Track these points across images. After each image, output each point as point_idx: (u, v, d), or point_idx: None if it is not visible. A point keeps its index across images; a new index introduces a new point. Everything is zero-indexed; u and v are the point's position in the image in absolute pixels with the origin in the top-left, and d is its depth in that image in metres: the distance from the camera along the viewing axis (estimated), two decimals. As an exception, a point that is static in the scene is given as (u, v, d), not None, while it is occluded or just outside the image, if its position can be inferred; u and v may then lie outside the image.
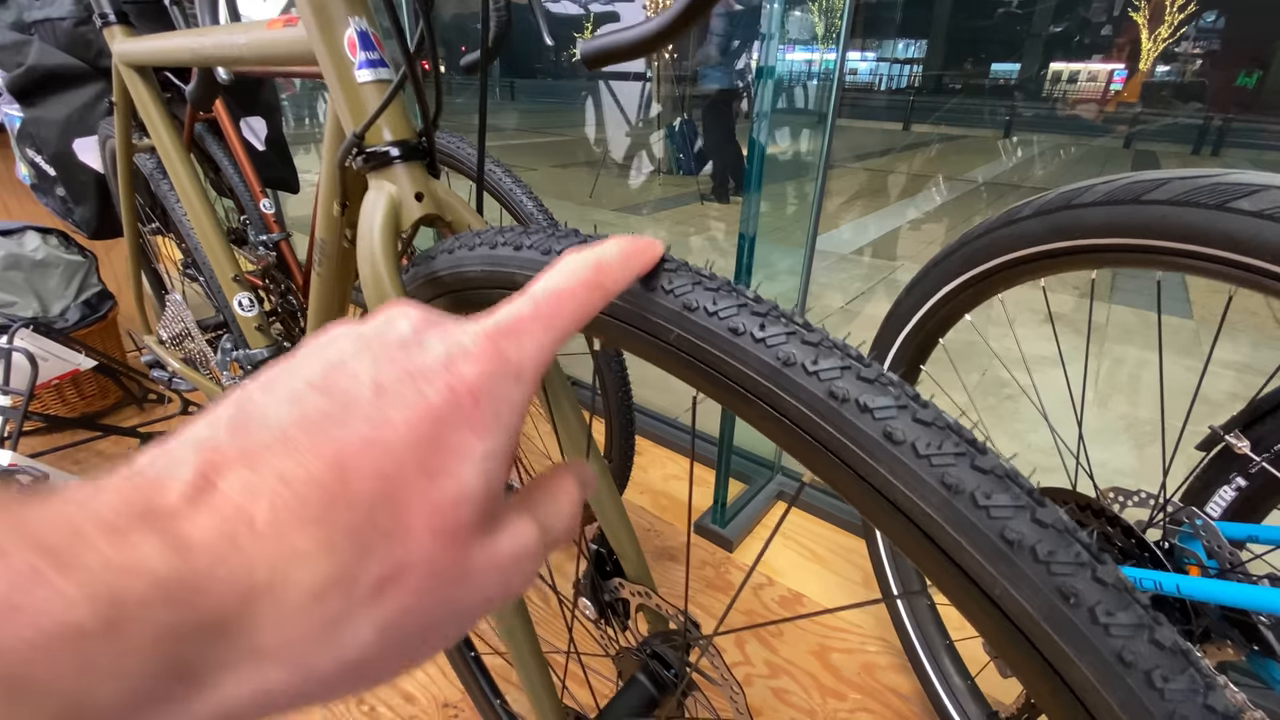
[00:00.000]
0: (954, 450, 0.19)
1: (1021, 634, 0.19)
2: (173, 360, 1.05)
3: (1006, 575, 0.18)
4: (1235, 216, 0.40)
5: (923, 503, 0.19)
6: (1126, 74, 14.30)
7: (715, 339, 0.23)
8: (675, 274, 0.25)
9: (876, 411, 0.20)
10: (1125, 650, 0.17)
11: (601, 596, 0.49)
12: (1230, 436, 0.61)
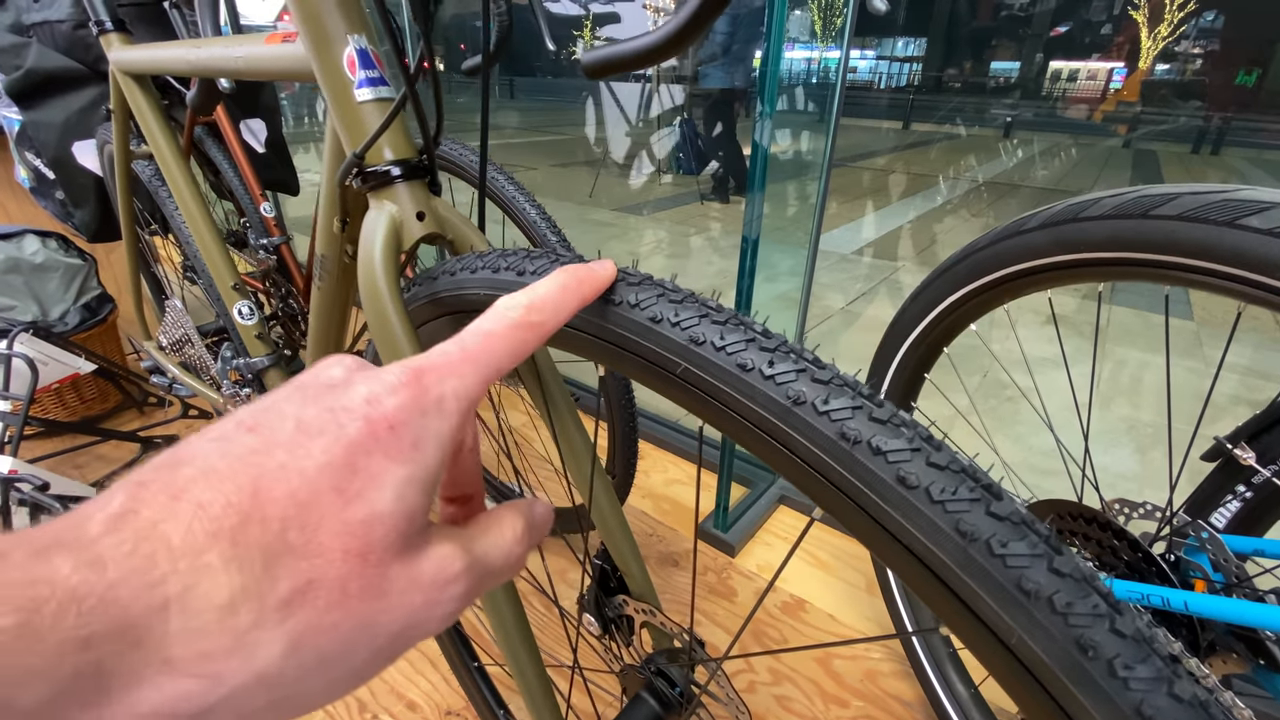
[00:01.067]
0: (969, 496, 0.19)
1: (1037, 682, 0.19)
2: (172, 366, 1.05)
3: (1023, 625, 0.18)
4: (1245, 233, 0.40)
5: (937, 549, 0.19)
6: (1126, 72, 14.28)
7: (724, 374, 0.22)
8: (681, 305, 0.25)
9: (890, 455, 0.19)
10: (1145, 704, 0.17)
11: (605, 612, 0.49)
12: (1235, 448, 0.61)
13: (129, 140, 0.82)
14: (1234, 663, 0.54)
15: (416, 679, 0.90)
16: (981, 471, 0.20)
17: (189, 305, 1.13)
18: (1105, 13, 15.38)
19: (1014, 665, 0.19)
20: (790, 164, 3.73)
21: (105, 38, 0.76)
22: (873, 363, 0.79)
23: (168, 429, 1.48)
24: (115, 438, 1.38)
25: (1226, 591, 0.54)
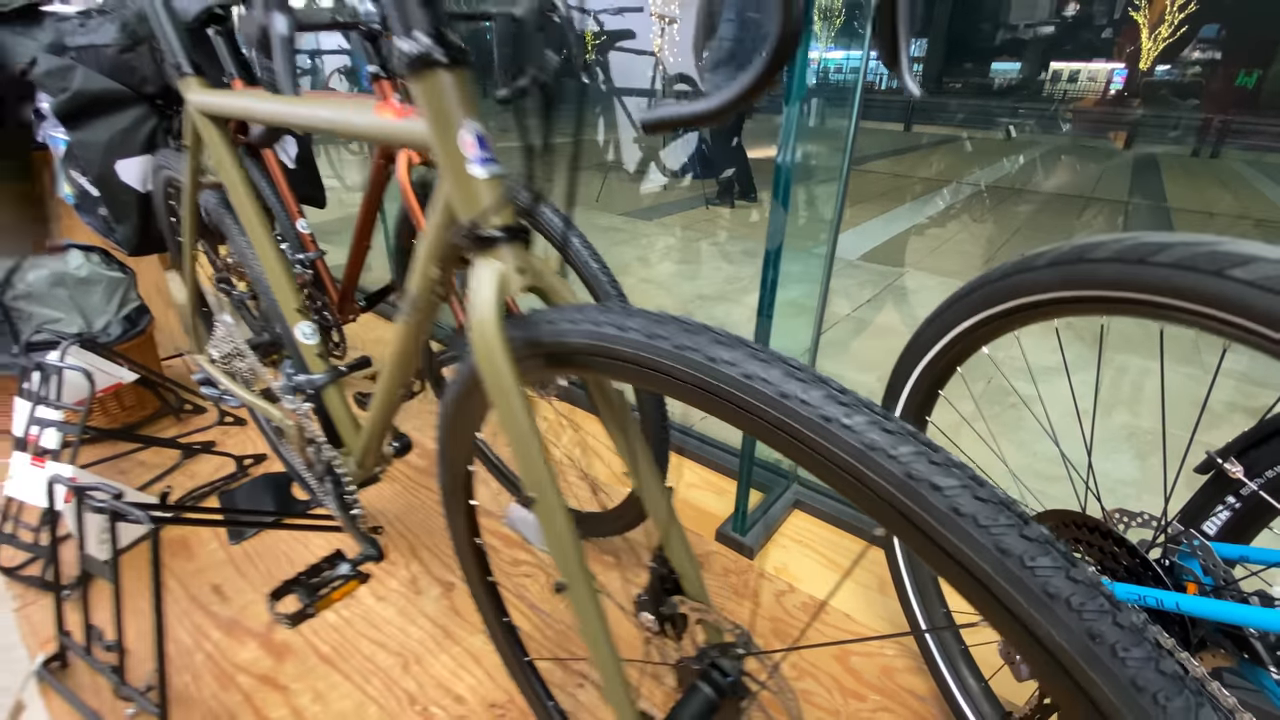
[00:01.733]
0: (1006, 522, 0.25)
1: (1058, 662, 0.25)
2: (224, 378, 1.11)
3: (1048, 619, 0.24)
4: (1229, 282, 0.46)
5: (982, 561, 0.25)
6: (1127, 74, 14.32)
7: (810, 424, 0.29)
8: (768, 365, 0.31)
9: (945, 490, 0.25)
10: (1138, 677, 0.23)
11: (662, 611, 0.55)
12: (1226, 462, 0.67)
13: (199, 172, 0.87)
14: (1222, 657, 0.60)
15: (462, 674, 0.96)
16: (1016, 503, 0.26)
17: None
18: (1106, 14, 15.41)
19: (1040, 650, 0.25)
20: (798, 168, 3.79)
21: (184, 80, 0.82)
22: (890, 378, 0.85)
23: (205, 435, 1.54)
24: (157, 444, 1.44)
25: (1215, 594, 0.60)
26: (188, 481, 1.41)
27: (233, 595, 1.10)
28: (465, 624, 1.05)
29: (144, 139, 1.40)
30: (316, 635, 1.03)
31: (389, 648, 1.00)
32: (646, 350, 0.34)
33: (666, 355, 0.33)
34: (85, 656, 0.92)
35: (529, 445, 0.43)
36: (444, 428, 0.59)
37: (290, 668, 0.97)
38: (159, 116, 1.42)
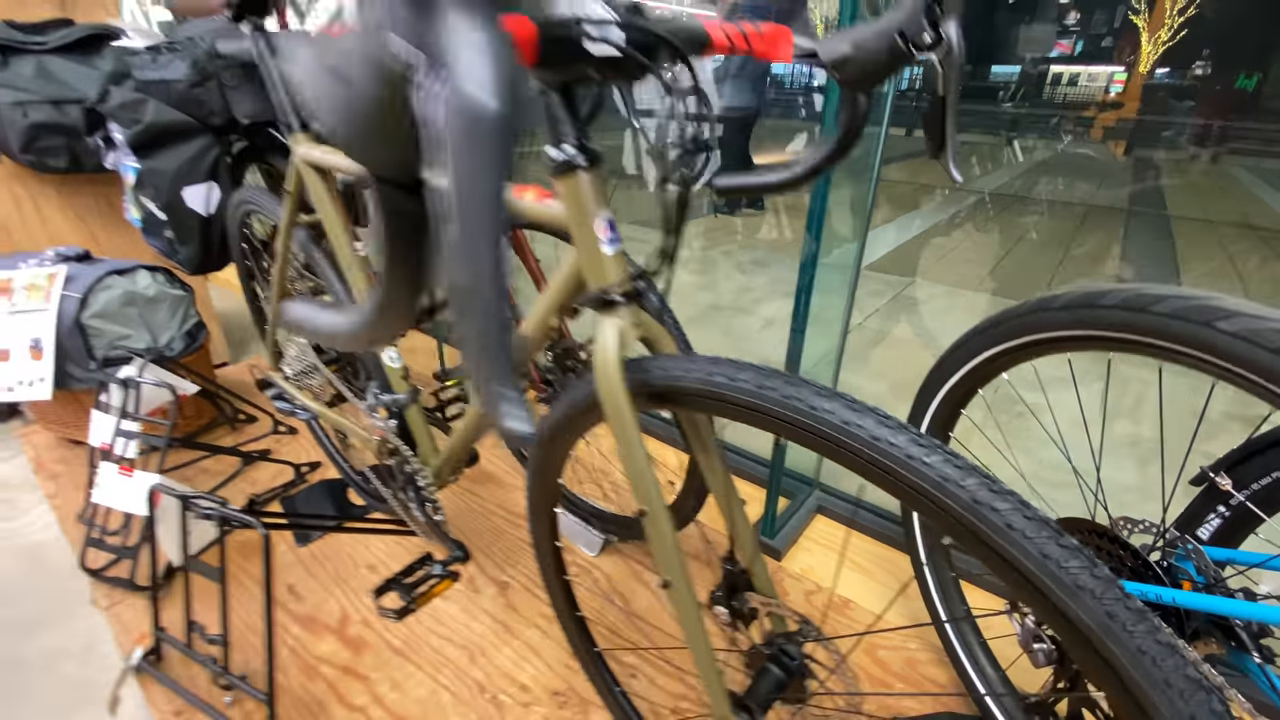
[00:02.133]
0: (1046, 535, 0.34)
1: (1085, 637, 0.34)
2: (299, 394, 1.20)
3: (1079, 605, 0.34)
4: (1216, 333, 0.55)
5: (1028, 562, 0.34)
6: (1127, 77, 14.41)
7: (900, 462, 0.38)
8: (862, 414, 0.40)
9: (1002, 511, 0.35)
10: (1141, 645, 0.33)
11: (734, 605, 0.64)
12: (1217, 476, 0.76)
13: (296, 212, 0.96)
14: (1213, 646, 0.70)
15: (524, 665, 1.06)
16: (1051, 520, 0.35)
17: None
18: (1106, 17, 15.51)
19: (1071, 629, 0.35)
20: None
21: (294, 136, 0.91)
22: (916, 398, 0.94)
23: (261, 444, 1.64)
24: (221, 453, 1.53)
25: (1206, 590, 0.69)
26: (249, 488, 1.50)
27: (306, 594, 1.20)
28: (521, 619, 1.15)
29: (208, 166, 1.50)
30: (388, 630, 1.12)
31: (455, 641, 1.10)
32: (757, 397, 0.43)
33: (775, 402, 0.43)
34: (185, 650, 1.01)
35: (641, 467, 0.53)
36: (539, 448, 0.69)
37: (367, 659, 1.07)
38: (221, 145, 1.51)
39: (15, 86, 1.57)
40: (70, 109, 1.62)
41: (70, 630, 1.29)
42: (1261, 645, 0.68)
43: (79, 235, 1.87)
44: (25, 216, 1.78)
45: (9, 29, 1.59)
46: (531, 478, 0.74)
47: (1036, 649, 0.74)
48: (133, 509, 1.16)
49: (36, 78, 1.59)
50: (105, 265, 1.48)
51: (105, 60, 1.68)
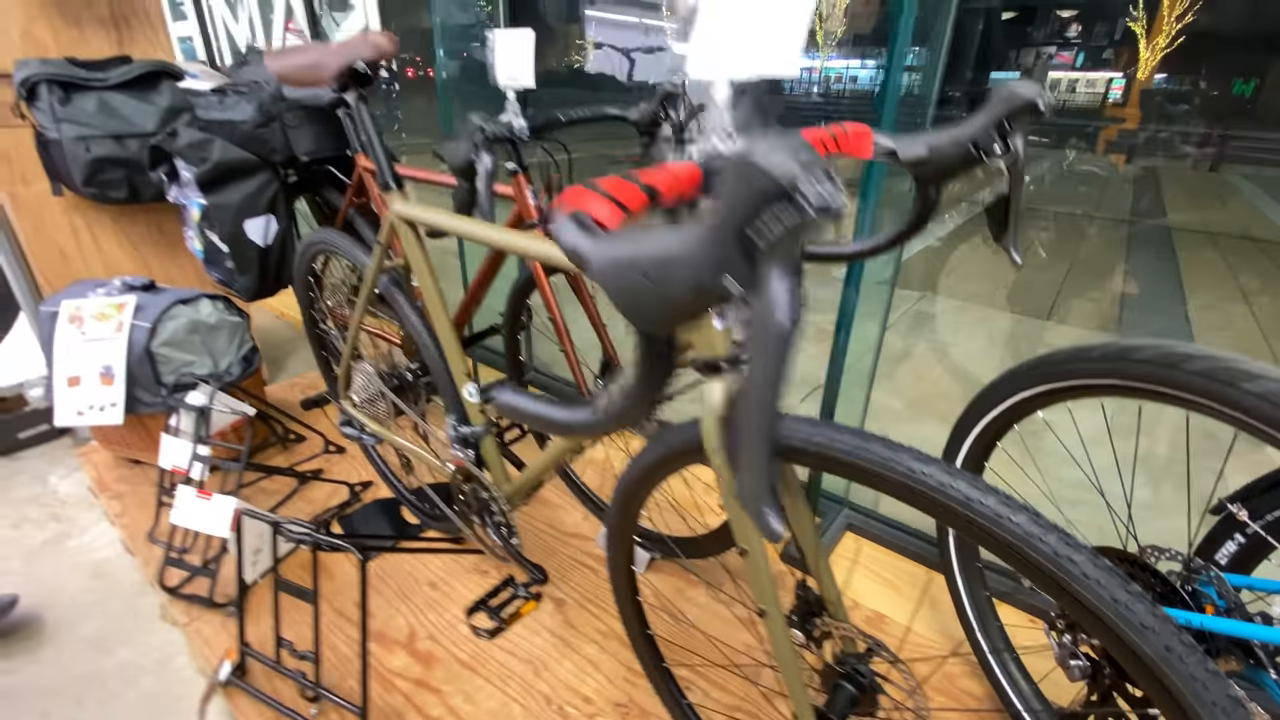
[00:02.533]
0: (1116, 583, 0.42)
1: (1129, 650, 0.42)
2: (367, 420, 1.28)
3: (1128, 624, 0.42)
4: (1239, 392, 0.63)
5: (1104, 607, 0.42)
6: (1125, 83, 14.49)
7: (991, 520, 0.46)
8: (954, 476, 0.48)
9: (1078, 562, 0.43)
10: (1194, 672, 0.40)
11: (808, 628, 0.72)
12: (1233, 506, 0.84)
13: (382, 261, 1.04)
14: (1233, 663, 0.77)
15: (585, 678, 1.13)
16: (1119, 571, 0.43)
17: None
18: (1106, 24, 15.61)
19: (1135, 658, 0.42)
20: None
21: (389, 194, 0.99)
22: (953, 431, 1.02)
23: (313, 464, 1.71)
24: (279, 474, 1.61)
25: (1227, 614, 0.77)
26: (306, 506, 1.58)
27: (374, 610, 1.27)
28: (579, 634, 1.22)
29: (268, 200, 1.58)
30: (455, 645, 1.20)
31: (518, 655, 1.17)
32: (861, 458, 0.51)
33: (877, 463, 0.50)
34: (274, 665, 1.09)
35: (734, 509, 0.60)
36: (629, 484, 0.76)
37: (438, 673, 1.14)
38: (280, 181, 1.60)
39: (78, 122, 1.65)
40: (130, 143, 1.71)
41: (145, 645, 1.36)
42: (1277, 663, 0.76)
43: (132, 261, 1.96)
44: (83, 245, 1.86)
45: (72, 66, 1.68)
46: (615, 509, 0.82)
47: (1073, 665, 0.82)
48: (212, 530, 1.23)
49: (99, 113, 1.68)
50: (170, 295, 1.56)
51: (162, 95, 1.77)
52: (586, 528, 1.51)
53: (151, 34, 1.86)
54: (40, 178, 1.75)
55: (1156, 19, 13.69)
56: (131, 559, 1.59)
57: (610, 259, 0.29)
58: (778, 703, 1.05)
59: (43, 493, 1.85)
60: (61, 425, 1.55)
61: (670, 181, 0.42)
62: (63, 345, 1.51)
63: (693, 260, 0.26)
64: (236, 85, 1.51)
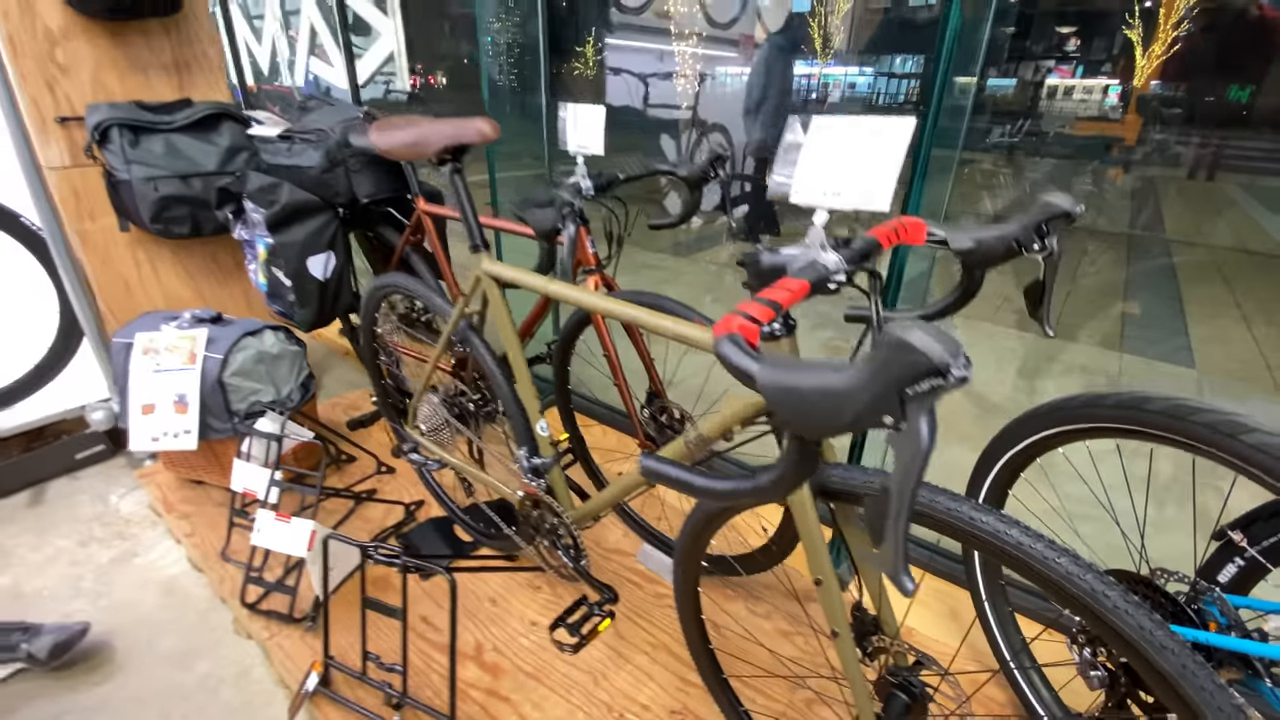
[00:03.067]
0: (1142, 613, 0.53)
1: (1168, 682, 0.53)
2: (435, 447, 1.38)
3: (1149, 643, 0.52)
4: (1240, 444, 0.74)
5: (1131, 633, 0.53)
6: (1121, 89, 14.65)
7: (1039, 560, 0.57)
8: (998, 519, 0.59)
9: (1111, 596, 0.53)
10: (1204, 685, 0.51)
11: (864, 646, 0.83)
12: (1233, 532, 0.95)
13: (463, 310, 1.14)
14: (1233, 673, 0.88)
15: (641, 687, 1.24)
16: (1144, 604, 0.54)
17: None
18: (1103, 29, 15.78)
19: (1157, 675, 0.53)
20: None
21: (478, 254, 1.09)
22: (976, 465, 1.13)
23: (366, 484, 1.82)
24: (339, 496, 1.71)
25: (1228, 630, 0.88)
26: (364, 525, 1.68)
27: (440, 625, 1.38)
28: (631, 646, 1.33)
29: (329, 238, 1.69)
30: (519, 658, 1.30)
31: (579, 667, 1.28)
32: (924, 506, 0.62)
33: (940, 511, 0.61)
34: (360, 676, 1.19)
35: (819, 546, 0.71)
36: (699, 519, 0.87)
37: (506, 683, 1.25)
38: (340, 220, 1.70)
39: (147, 163, 1.76)
40: (194, 181, 1.82)
41: (222, 658, 1.46)
42: (1273, 673, 0.86)
43: (188, 290, 2.06)
44: (144, 276, 1.97)
45: (139, 110, 1.79)
46: (686, 540, 0.92)
47: (1092, 675, 0.93)
48: (291, 550, 1.34)
49: (165, 154, 1.79)
50: (238, 327, 1.67)
51: (223, 136, 1.88)
52: (626, 544, 1.62)
53: (210, 77, 1.97)
54: (105, 213, 1.85)
55: (1154, 28, 13.86)
56: (199, 575, 1.69)
57: (777, 383, 0.39)
58: (826, 709, 1.16)
59: (105, 511, 1.95)
60: (137, 450, 1.65)
61: (787, 296, 0.52)
62: (137, 375, 1.61)
63: (857, 399, 0.36)
64: (303, 133, 1.62)
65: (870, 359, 0.37)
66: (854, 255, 0.59)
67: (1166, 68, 10.74)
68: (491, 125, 1.04)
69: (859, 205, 0.56)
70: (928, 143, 1.12)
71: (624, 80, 4.46)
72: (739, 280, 2.92)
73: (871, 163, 0.55)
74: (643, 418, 1.39)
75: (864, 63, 16.21)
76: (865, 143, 0.55)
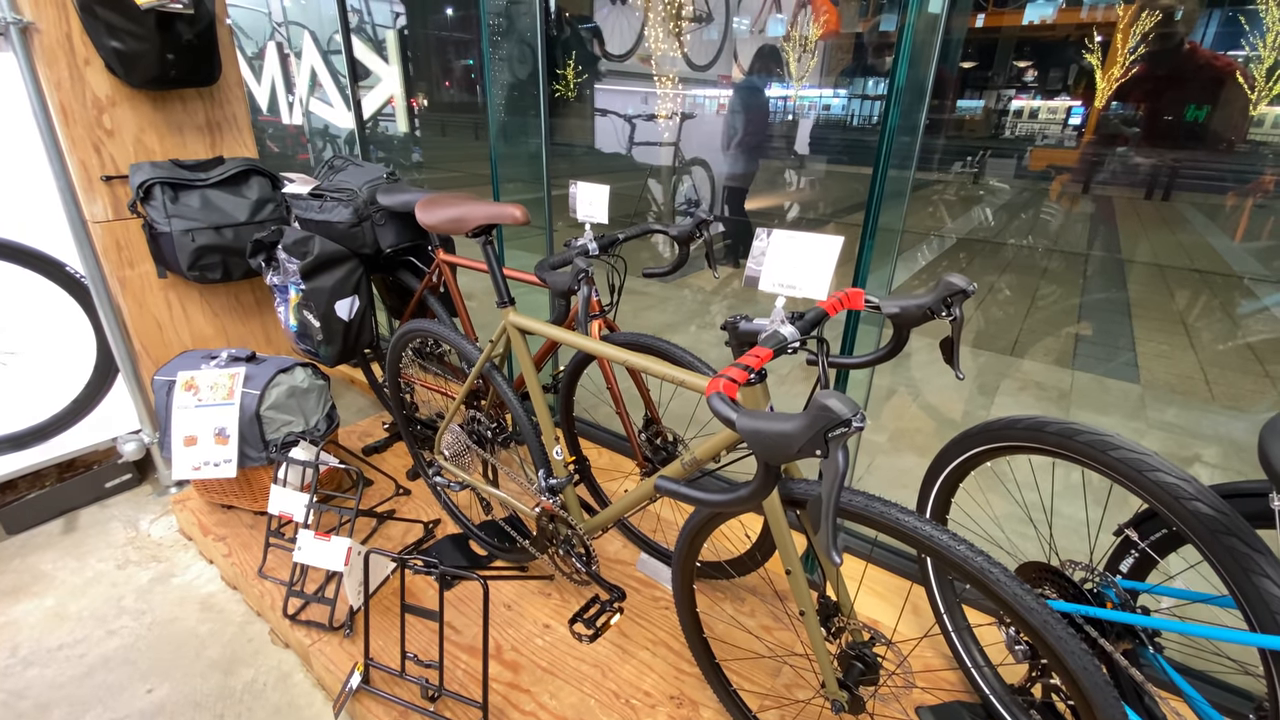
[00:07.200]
0: (1044, 607, 0.74)
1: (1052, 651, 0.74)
2: (458, 471, 1.57)
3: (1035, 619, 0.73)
4: (1109, 458, 0.96)
5: (1034, 621, 0.74)
6: (1084, 111, 15.31)
7: (946, 549, 0.77)
8: (955, 542, 0.79)
9: (1030, 598, 0.74)
10: (1053, 629, 0.72)
11: (828, 626, 1.03)
12: (1129, 529, 1.17)
13: (490, 355, 1.33)
14: (1125, 644, 1.09)
15: (643, 677, 1.42)
16: (1046, 602, 0.74)
17: (446, 426, 1.65)
18: (1064, 55, 16.50)
19: (1016, 616, 0.74)
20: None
21: (505, 309, 1.29)
22: (923, 481, 1.34)
23: (386, 505, 1.99)
24: (364, 515, 1.88)
25: (1121, 608, 1.09)
26: (386, 543, 1.85)
27: (462, 628, 1.55)
28: (633, 642, 1.51)
29: (354, 284, 1.88)
30: (535, 655, 1.48)
31: (588, 661, 1.46)
32: (879, 517, 0.82)
33: (890, 520, 0.82)
34: (400, 674, 1.36)
35: (787, 543, 0.91)
36: (694, 528, 1.07)
37: (525, 677, 1.42)
38: (365, 267, 1.89)
39: (185, 216, 1.94)
40: (227, 232, 2.01)
41: (263, 665, 1.62)
42: (1155, 641, 1.08)
43: (213, 328, 2.23)
44: (175, 317, 2.14)
45: (178, 168, 1.97)
46: (683, 544, 1.12)
47: (1017, 649, 1.13)
48: (330, 565, 1.51)
49: (202, 208, 1.97)
50: (271, 364, 1.84)
51: (252, 189, 2.08)
52: (626, 554, 1.81)
53: (239, 135, 2.16)
54: (144, 261, 2.03)
55: (1110, 52, 14.56)
56: (234, 592, 1.85)
57: (750, 428, 0.59)
58: (803, 690, 1.35)
59: (137, 536, 2.10)
60: (179, 479, 1.81)
61: (756, 361, 0.73)
62: (180, 410, 1.78)
63: (799, 439, 0.56)
64: (333, 192, 1.81)
65: (805, 414, 0.57)
66: (806, 325, 0.80)
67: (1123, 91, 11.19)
68: (522, 211, 1.24)
69: (805, 294, 0.77)
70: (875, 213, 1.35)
71: (610, 120, 4.72)
72: (716, 305, 3.21)
73: (812, 265, 0.76)
74: (640, 441, 1.59)
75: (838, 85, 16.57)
76: (808, 251, 0.76)
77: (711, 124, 4.98)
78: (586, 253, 1.31)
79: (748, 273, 0.81)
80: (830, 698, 0.99)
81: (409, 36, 4.87)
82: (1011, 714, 1.26)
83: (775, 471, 0.66)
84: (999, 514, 2.01)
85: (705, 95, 4.79)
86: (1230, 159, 6.37)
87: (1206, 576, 1.04)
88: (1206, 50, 5.44)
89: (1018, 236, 6.93)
